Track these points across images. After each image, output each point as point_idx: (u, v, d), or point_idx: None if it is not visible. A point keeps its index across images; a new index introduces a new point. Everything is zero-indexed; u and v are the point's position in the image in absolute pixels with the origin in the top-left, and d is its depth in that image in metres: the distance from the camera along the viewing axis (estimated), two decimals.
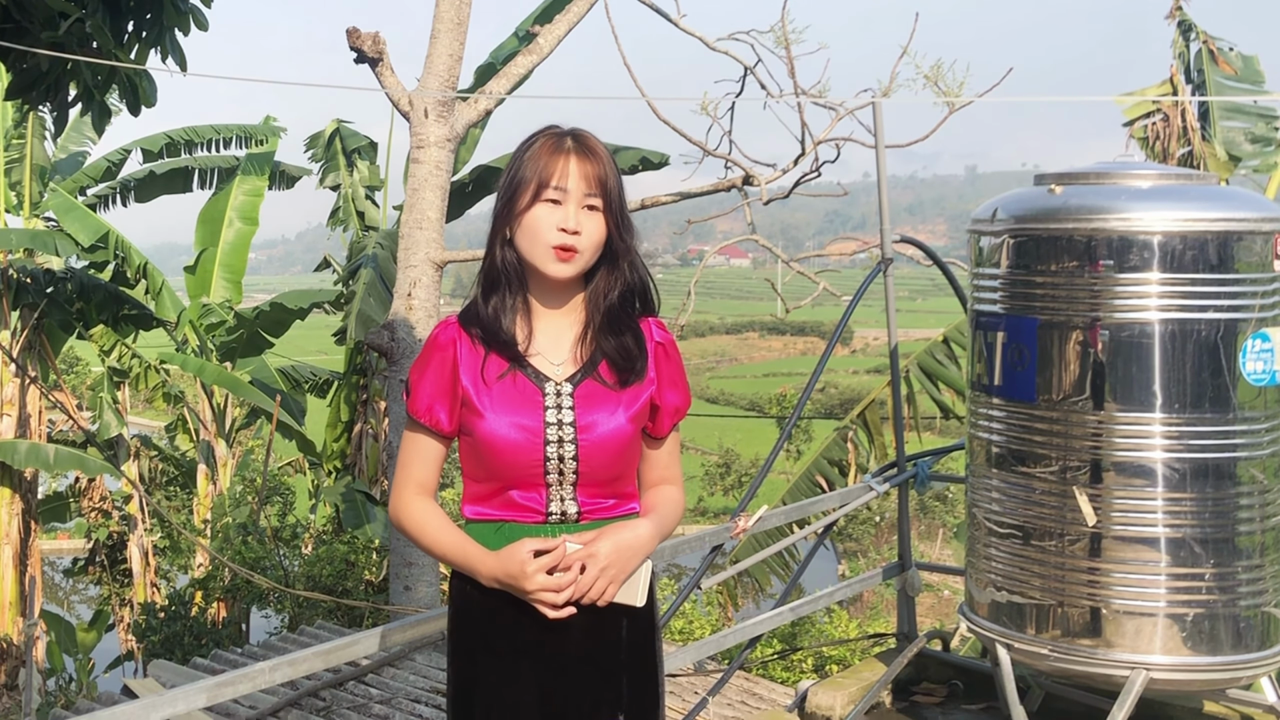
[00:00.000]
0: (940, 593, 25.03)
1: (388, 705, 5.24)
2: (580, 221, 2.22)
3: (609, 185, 2.24)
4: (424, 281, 7.62)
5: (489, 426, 2.25)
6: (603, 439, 2.27)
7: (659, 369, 2.36)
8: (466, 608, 2.35)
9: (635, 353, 2.32)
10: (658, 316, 2.41)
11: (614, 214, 2.25)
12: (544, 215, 2.22)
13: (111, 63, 6.17)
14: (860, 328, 63.72)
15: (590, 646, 2.31)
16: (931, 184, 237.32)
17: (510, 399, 2.26)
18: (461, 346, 2.30)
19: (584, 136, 2.28)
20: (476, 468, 2.31)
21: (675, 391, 2.38)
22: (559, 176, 2.22)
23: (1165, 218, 3.53)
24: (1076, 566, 3.65)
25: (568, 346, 2.32)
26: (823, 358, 5.11)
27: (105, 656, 17.71)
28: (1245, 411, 3.55)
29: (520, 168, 2.25)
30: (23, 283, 15.07)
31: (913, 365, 10.01)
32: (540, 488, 2.27)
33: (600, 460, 2.27)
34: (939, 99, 6.54)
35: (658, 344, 2.37)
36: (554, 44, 7.75)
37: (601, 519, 2.30)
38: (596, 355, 2.31)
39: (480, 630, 2.33)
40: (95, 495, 16.46)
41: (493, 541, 2.28)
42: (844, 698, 4.42)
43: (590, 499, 2.29)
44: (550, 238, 2.22)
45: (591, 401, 2.28)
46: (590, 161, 2.24)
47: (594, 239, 2.24)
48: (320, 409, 17.14)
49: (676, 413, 2.39)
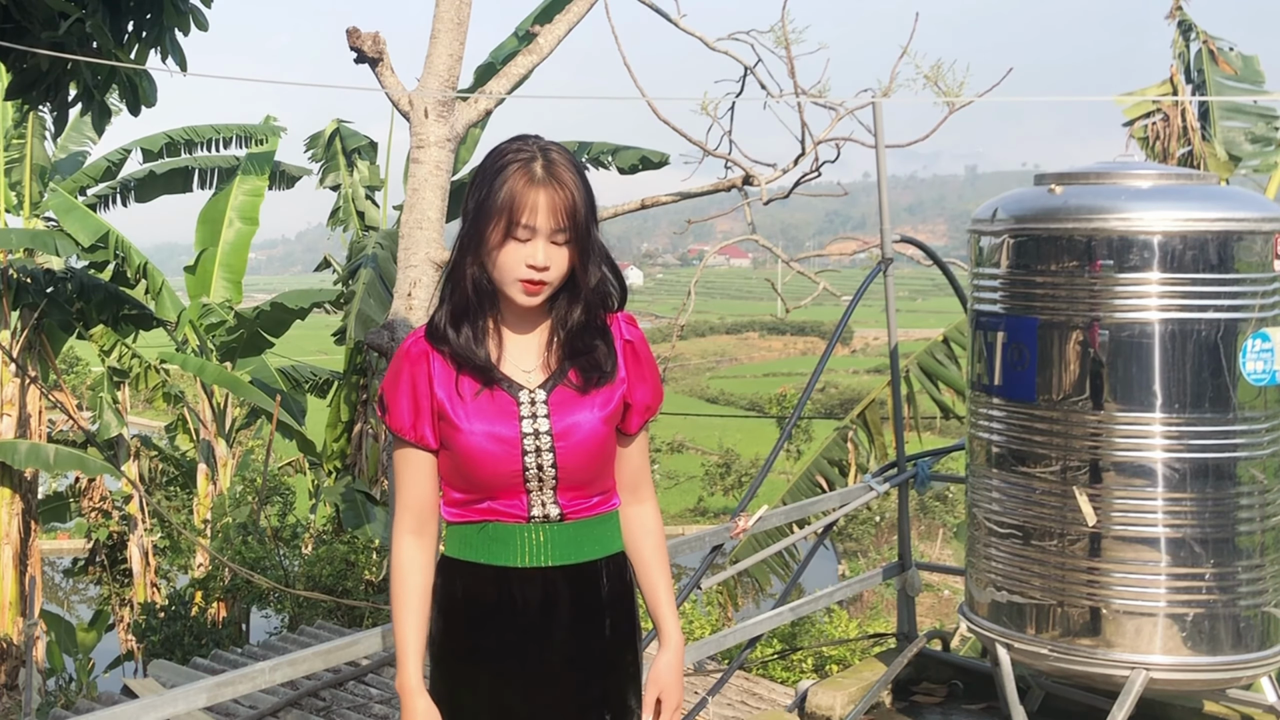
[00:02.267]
0: (940, 593, 25.02)
1: (388, 705, 5.24)
2: (548, 256, 2.22)
3: (578, 216, 2.23)
4: (424, 281, 7.62)
5: (465, 440, 2.26)
6: (579, 443, 2.28)
7: (628, 367, 2.36)
8: (450, 613, 2.36)
9: (603, 355, 2.33)
10: (626, 311, 2.40)
11: (579, 244, 2.24)
12: (513, 251, 2.22)
13: (111, 63, 6.17)
14: (860, 328, 63.69)
15: (573, 653, 2.33)
16: (931, 184, 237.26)
17: (485, 410, 2.27)
18: (434, 361, 2.30)
19: (554, 163, 2.24)
20: (455, 478, 2.32)
21: (645, 388, 2.39)
22: (528, 213, 2.20)
23: (1165, 218, 3.53)
24: (1076, 566, 3.65)
25: (536, 353, 2.33)
26: (823, 358, 5.11)
27: (105, 656, 17.72)
28: (1245, 411, 3.55)
29: (490, 195, 2.23)
30: (23, 283, 15.07)
31: (913, 365, 10.01)
32: (521, 494, 2.29)
33: (578, 463, 2.29)
34: (939, 99, 6.54)
35: (626, 342, 2.37)
36: (554, 44, 7.75)
37: (584, 517, 2.33)
38: (566, 360, 2.32)
39: (464, 638, 2.34)
40: (95, 495, 16.47)
41: (475, 540, 2.31)
42: (844, 698, 4.42)
43: (571, 500, 2.31)
44: (519, 273, 2.22)
45: (565, 406, 2.29)
46: (559, 192, 2.21)
47: (560, 270, 2.25)
48: (320, 409, 17.14)
49: (647, 410, 2.40)
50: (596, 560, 2.34)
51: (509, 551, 2.30)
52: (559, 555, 2.31)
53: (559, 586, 2.31)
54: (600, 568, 2.35)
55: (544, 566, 2.30)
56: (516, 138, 2.30)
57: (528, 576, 2.30)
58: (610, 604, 2.36)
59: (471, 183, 2.30)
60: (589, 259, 2.27)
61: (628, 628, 2.40)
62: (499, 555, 2.30)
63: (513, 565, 2.29)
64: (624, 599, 2.40)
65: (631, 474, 2.44)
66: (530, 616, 2.29)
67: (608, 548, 2.37)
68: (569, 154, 2.28)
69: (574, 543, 2.32)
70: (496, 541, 2.30)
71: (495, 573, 2.30)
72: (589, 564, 2.33)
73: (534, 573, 2.30)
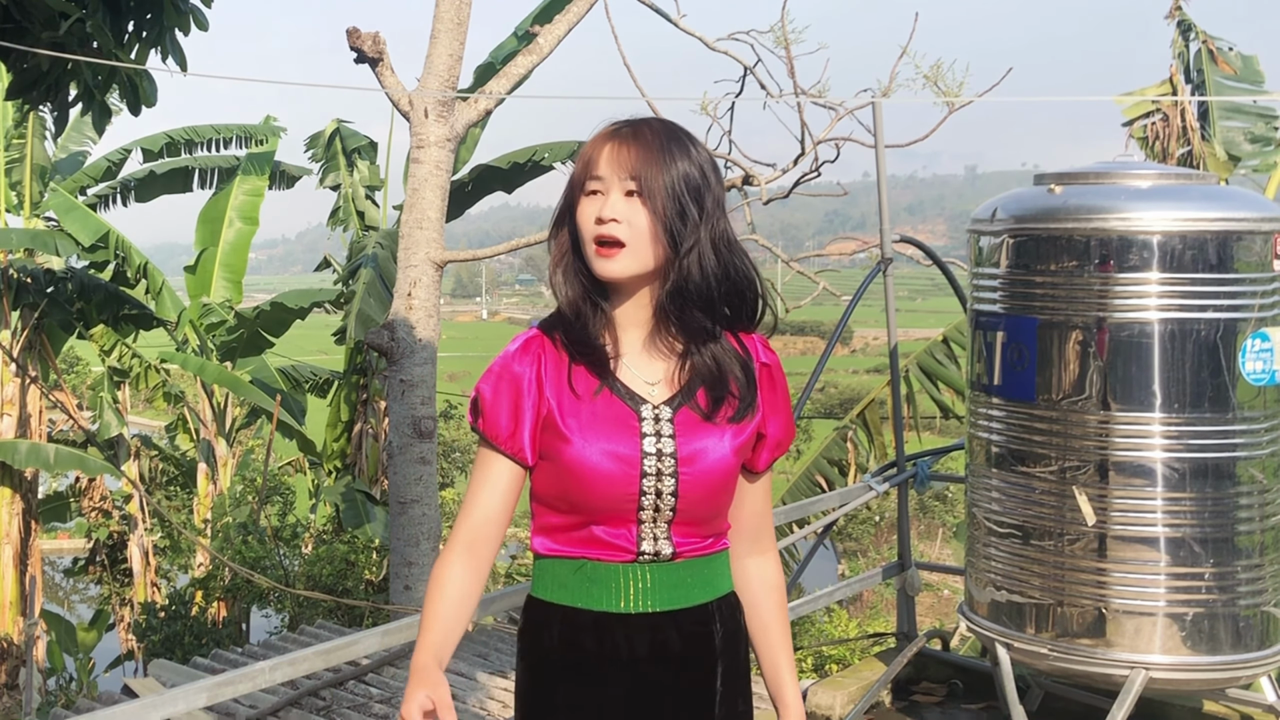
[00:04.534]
0: (940, 592, 25.03)
1: (387, 705, 5.24)
2: (617, 208, 1.94)
3: (650, 168, 1.93)
4: (424, 281, 7.63)
5: (576, 453, 1.95)
6: (706, 472, 1.98)
7: (764, 395, 2.06)
8: (539, 666, 2.07)
9: (743, 384, 2.03)
10: (759, 331, 2.09)
11: (659, 202, 1.93)
12: (585, 208, 1.97)
13: (111, 63, 6.17)
14: (860, 327, 63.71)
15: (685, 708, 2.06)
16: (931, 184, 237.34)
17: (601, 422, 1.97)
18: (545, 359, 2.00)
19: (639, 123, 1.99)
20: (556, 498, 2.01)
21: (779, 420, 2.09)
22: (593, 165, 1.96)
23: (1165, 217, 3.53)
24: (1076, 566, 3.65)
25: (662, 366, 2.02)
26: (823, 357, 5.11)
27: (105, 656, 17.72)
28: (1245, 411, 3.55)
29: (576, 164, 2.02)
30: (23, 283, 15.07)
31: (913, 365, 10.01)
32: (631, 524, 1.98)
33: (701, 495, 1.99)
34: (939, 99, 6.55)
35: (763, 366, 2.07)
36: (554, 44, 7.76)
37: (697, 558, 2.04)
38: (695, 380, 2.01)
39: (559, 694, 2.06)
40: (95, 495, 16.48)
41: (571, 582, 2.02)
42: (844, 697, 4.42)
43: (686, 538, 2.02)
44: (590, 230, 1.96)
45: (692, 429, 1.99)
46: (631, 146, 1.95)
47: (640, 228, 1.94)
48: (320, 409, 17.15)
49: (779, 446, 2.11)
50: (708, 603, 2.06)
51: (610, 595, 2.00)
52: (667, 599, 2.01)
53: (669, 634, 2.02)
54: (712, 611, 2.06)
55: (650, 612, 2.01)
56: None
57: (633, 624, 2.00)
58: (722, 652, 2.07)
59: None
60: (681, 234, 1.94)
61: (740, 675, 2.13)
62: (598, 599, 2.00)
63: (615, 611, 2.00)
64: (737, 644, 2.12)
65: (753, 518, 2.15)
66: (637, 669, 2.01)
67: (718, 589, 2.08)
68: (675, 126, 2.02)
69: (683, 585, 2.02)
70: (595, 584, 2.00)
71: (594, 619, 2.00)
72: (700, 608, 2.04)
73: (640, 619, 2.00)
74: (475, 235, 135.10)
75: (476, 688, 5.44)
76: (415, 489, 7.62)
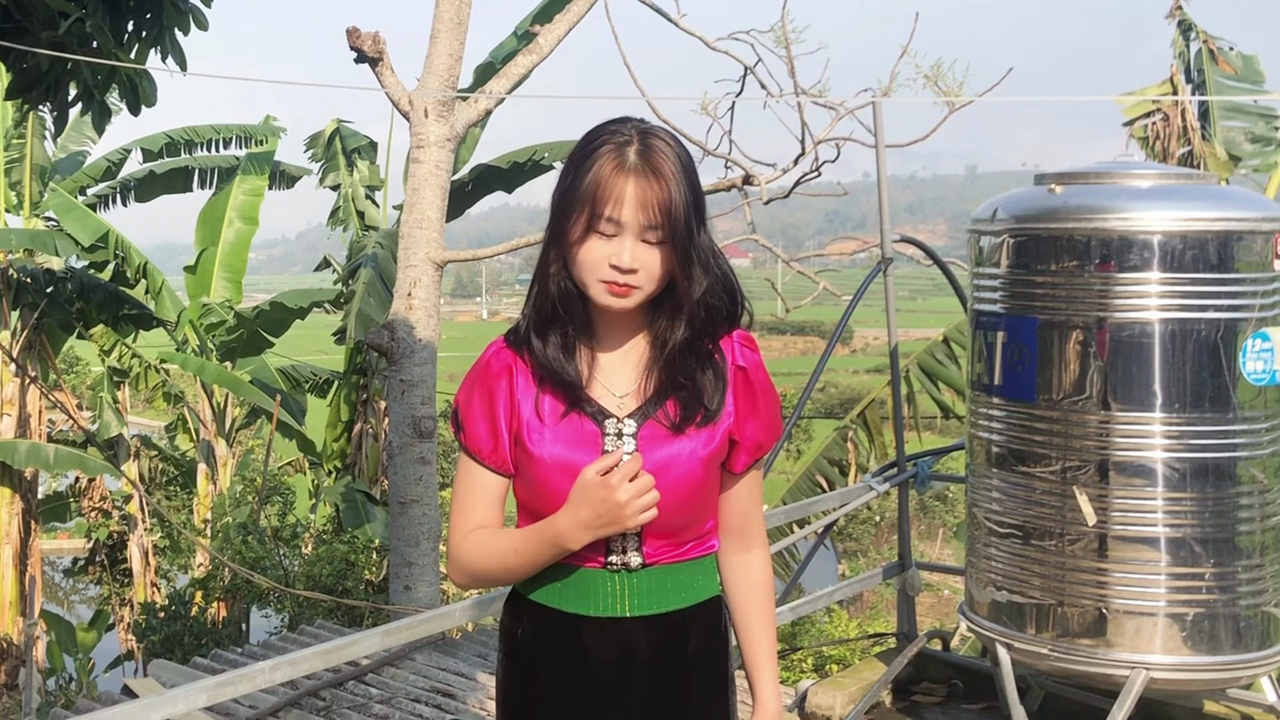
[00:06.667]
0: (940, 593, 25.03)
1: (388, 705, 5.24)
2: (638, 255, 1.89)
3: (675, 214, 1.87)
4: (424, 281, 7.62)
5: (539, 469, 1.97)
6: (669, 486, 1.94)
7: (738, 399, 2.02)
8: (514, 655, 2.10)
9: (709, 387, 1.99)
10: (742, 330, 2.06)
11: (678, 246, 1.89)
12: (595, 248, 1.89)
13: (111, 62, 6.17)
14: (860, 327, 63.70)
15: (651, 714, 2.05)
16: (931, 184, 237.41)
17: (563, 439, 1.96)
18: (517, 375, 1.99)
19: (653, 149, 1.89)
20: (527, 508, 2.03)
21: (756, 423, 2.03)
22: (613, 205, 1.87)
23: (1165, 217, 3.53)
24: (1077, 566, 3.65)
25: (631, 374, 2.00)
26: (823, 357, 5.11)
27: (105, 656, 17.72)
28: (1245, 411, 3.55)
29: (574, 182, 1.91)
30: (23, 283, 15.07)
31: (913, 365, 10.01)
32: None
33: (667, 506, 1.93)
34: (939, 99, 6.56)
35: (739, 369, 2.02)
36: (554, 44, 7.76)
37: (671, 564, 2.02)
38: (665, 389, 1.98)
39: (530, 685, 2.08)
40: (95, 495, 16.47)
41: (544, 581, 2.03)
42: (844, 697, 4.42)
43: (657, 548, 2.00)
44: (602, 273, 1.90)
45: (657, 442, 1.96)
46: (654, 184, 1.87)
47: (653, 274, 1.91)
48: (320, 409, 17.14)
49: (758, 449, 2.05)
50: (684, 609, 2.03)
51: (583, 599, 2.00)
52: (636, 605, 2.00)
53: (637, 640, 2.00)
54: (687, 618, 2.04)
55: (620, 617, 2.00)
56: (616, 119, 1.97)
57: (601, 627, 2.00)
58: (696, 659, 2.05)
59: (561, 173, 2.00)
60: (692, 266, 1.92)
61: (718, 680, 2.10)
62: (571, 601, 2.01)
63: (584, 614, 2.00)
64: (715, 651, 2.09)
65: (737, 517, 2.11)
66: (604, 672, 2.01)
67: (697, 594, 2.05)
68: (676, 141, 1.94)
69: (654, 591, 2.01)
70: (567, 586, 2.00)
71: (565, 619, 2.02)
72: (674, 614, 2.02)
73: (609, 623, 2.00)
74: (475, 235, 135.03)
75: (476, 688, 5.43)
76: (415, 489, 7.62)
